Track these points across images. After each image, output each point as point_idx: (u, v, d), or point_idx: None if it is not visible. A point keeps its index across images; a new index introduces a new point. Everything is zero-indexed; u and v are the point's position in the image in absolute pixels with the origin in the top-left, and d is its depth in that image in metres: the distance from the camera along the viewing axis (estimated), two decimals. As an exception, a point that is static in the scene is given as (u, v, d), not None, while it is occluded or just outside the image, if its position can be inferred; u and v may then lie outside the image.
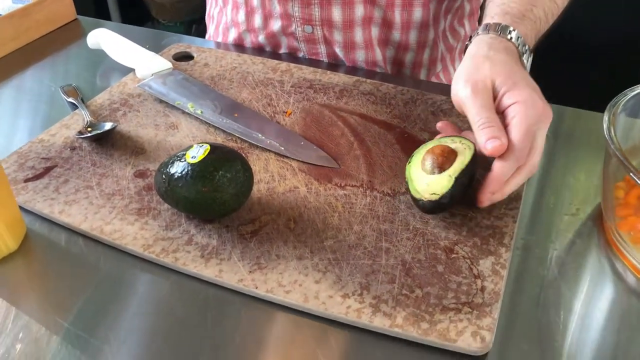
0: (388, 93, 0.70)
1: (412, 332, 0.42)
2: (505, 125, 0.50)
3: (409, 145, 0.62)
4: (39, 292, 0.47)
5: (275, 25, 0.79)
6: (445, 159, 0.50)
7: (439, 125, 0.59)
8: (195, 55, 0.78)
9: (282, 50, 0.83)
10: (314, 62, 0.80)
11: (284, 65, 0.75)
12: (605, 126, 0.50)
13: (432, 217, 0.52)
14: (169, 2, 2.14)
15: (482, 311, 0.44)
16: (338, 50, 0.79)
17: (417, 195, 0.50)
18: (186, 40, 0.84)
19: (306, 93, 0.70)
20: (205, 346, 0.43)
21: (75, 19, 0.89)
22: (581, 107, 0.69)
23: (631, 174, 0.45)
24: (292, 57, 0.81)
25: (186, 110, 0.66)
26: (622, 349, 0.43)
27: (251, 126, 0.63)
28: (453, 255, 0.49)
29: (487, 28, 0.57)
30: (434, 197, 0.49)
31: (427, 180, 0.50)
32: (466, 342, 0.42)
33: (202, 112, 0.65)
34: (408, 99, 0.69)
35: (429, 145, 0.54)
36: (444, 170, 0.50)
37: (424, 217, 0.53)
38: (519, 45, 0.56)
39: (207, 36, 0.96)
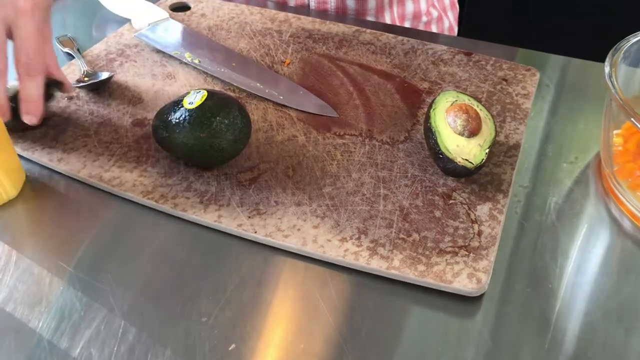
0: (388, 43, 0.69)
1: (409, 274, 0.43)
2: None
3: (409, 94, 0.61)
4: (39, 237, 0.48)
5: None
6: (477, 124, 0.50)
7: None
8: (192, 5, 0.77)
9: (291, 5, 0.80)
10: (320, 14, 0.78)
11: (282, 15, 0.74)
12: (606, 71, 0.49)
13: (431, 164, 0.52)
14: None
15: (479, 254, 0.44)
16: None
17: (448, 155, 0.48)
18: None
19: (305, 43, 0.69)
20: (204, 288, 0.43)
21: (69, -31, 0.87)
22: (583, 57, 0.68)
23: (632, 119, 0.45)
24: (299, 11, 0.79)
25: (183, 60, 0.65)
26: (616, 291, 0.44)
27: (249, 75, 0.63)
28: (451, 201, 0.49)
29: None
30: (469, 165, 0.48)
31: (456, 141, 0.49)
32: (462, 284, 0.42)
33: (199, 62, 0.64)
34: (408, 49, 0.68)
35: (449, 96, 0.53)
36: (473, 135, 0.50)
37: (422, 164, 0.53)
38: None
39: None
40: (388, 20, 0.81)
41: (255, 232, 0.46)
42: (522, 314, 0.42)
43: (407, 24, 0.83)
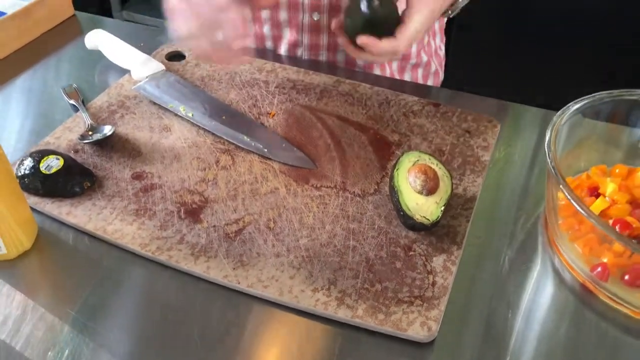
0: (365, 94, 0.76)
1: (370, 322, 0.50)
2: None
3: (381, 146, 0.68)
4: (51, 287, 0.55)
5: (282, 15, 0.83)
6: (435, 184, 0.57)
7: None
8: (187, 54, 0.83)
9: (282, 44, 0.86)
10: (299, 62, 0.85)
11: (269, 65, 0.81)
12: (547, 138, 0.56)
13: (395, 217, 0.59)
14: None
15: (431, 304, 0.51)
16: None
17: (408, 212, 0.56)
18: (178, 37, 0.89)
19: (289, 94, 0.76)
20: (193, 333, 0.50)
21: (73, 15, 0.94)
22: (538, 105, 0.75)
23: (561, 186, 0.52)
24: (290, 59, 0.86)
25: (178, 113, 0.72)
26: (558, 340, 0.51)
27: (238, 128, 0.69)
28: (411, 253, 0.56)
29: None
30: (426, 222, 0.55)
31: (416, 199, 0.56)
32: (415, 331, 0.49)
33: (192, 115, 0.71)
34: (382, 100, 0.75)
35: (411, 156, 0.60)
36: (431, 194, 0.57)
37: (388, 217, 0.59)
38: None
39: None
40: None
41: (239, 283, 0.53)
42: (474, 359, 0.49)
43: (394, 65, 0.89)
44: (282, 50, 0.87)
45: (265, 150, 0.67)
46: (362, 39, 0.65)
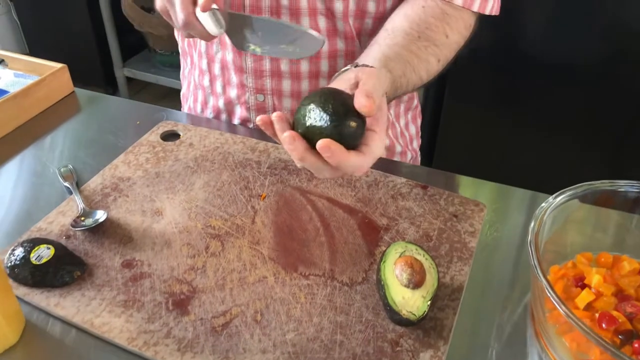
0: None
1: None
2: None
3: (369, 231, 0.69)
4: (36, 384, 0.55)
5: (232, 92, 0.88)
6: (422, 277, 0.57)
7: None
8: (181, 134, 0.85)
9: (235, 119, 0.91)
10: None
11: (262, 145, 0.83)
12: (529, 236, 0.56)
13: (383, 308, 0.59)
14: (166, 35, 2.23)
15: (417, 406, 0.51)
16: None
17: (395, 307, 0.56)
18: (173, 115, 0.91)
19: (280, 174, 0.77)
20: None
21: (72, 92, 0.97)
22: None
23: (546, 289, 0.52)
24: (243, 128, 0.90)
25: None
26: None
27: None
28: (398, 349, 0.56)
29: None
30: (412, 317, 0.55)
31: (402, 293, 0.57)
32: None
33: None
34: (371, 182, 0.76)
35: (398, 247, 0.60)
36: (417, 287, 0.57)
37: (375, 308, 0.60)
38: None
39: (181, 94, 1.03)
40: None
41: (224, 382, 0.53)
42: None
43: None
44: (236, 122, 0.91)
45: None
46: (326, 142, 0.51)
